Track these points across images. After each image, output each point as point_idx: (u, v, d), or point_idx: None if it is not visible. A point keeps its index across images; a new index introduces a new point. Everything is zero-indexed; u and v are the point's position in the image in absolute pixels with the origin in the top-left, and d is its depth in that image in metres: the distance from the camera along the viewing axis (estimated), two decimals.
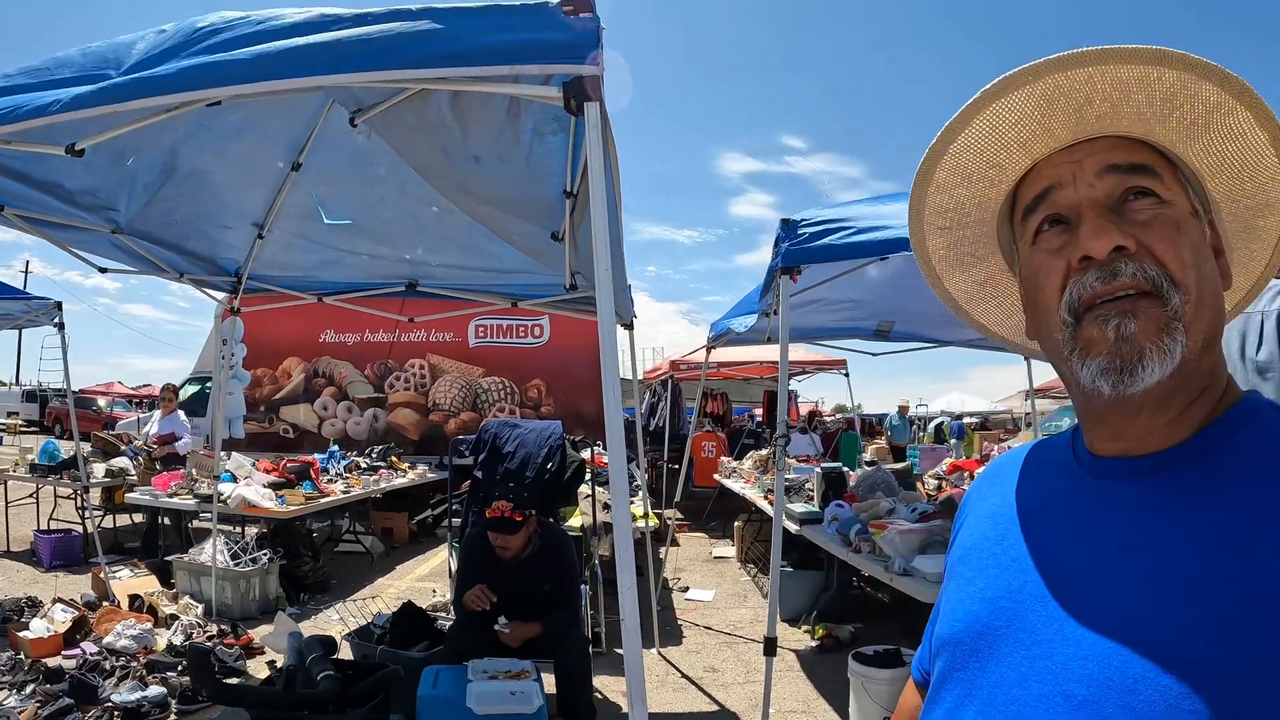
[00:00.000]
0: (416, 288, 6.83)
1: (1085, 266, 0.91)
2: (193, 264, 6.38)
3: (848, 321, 7.48)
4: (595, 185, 2.48)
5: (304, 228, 6.02)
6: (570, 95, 2.42)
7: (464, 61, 2.50)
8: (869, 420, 25.78)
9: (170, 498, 8.77)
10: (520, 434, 6.89)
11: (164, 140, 4.40)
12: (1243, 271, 1.08)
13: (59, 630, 6.36)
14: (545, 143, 3.67)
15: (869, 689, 4.73)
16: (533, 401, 13.91)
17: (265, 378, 14.84)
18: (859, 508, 6.22)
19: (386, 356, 14.33)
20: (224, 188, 5.41)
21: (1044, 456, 1.10)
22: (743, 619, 7.68)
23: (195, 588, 7.65)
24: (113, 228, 5.40)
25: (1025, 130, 0.99)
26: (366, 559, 10.13)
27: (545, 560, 5.08)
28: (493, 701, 4.13)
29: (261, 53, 2.73)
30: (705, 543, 11.85)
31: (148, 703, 5.15)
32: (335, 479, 10.06)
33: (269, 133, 4.89)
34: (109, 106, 2.95)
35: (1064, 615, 0.89)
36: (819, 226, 4.47)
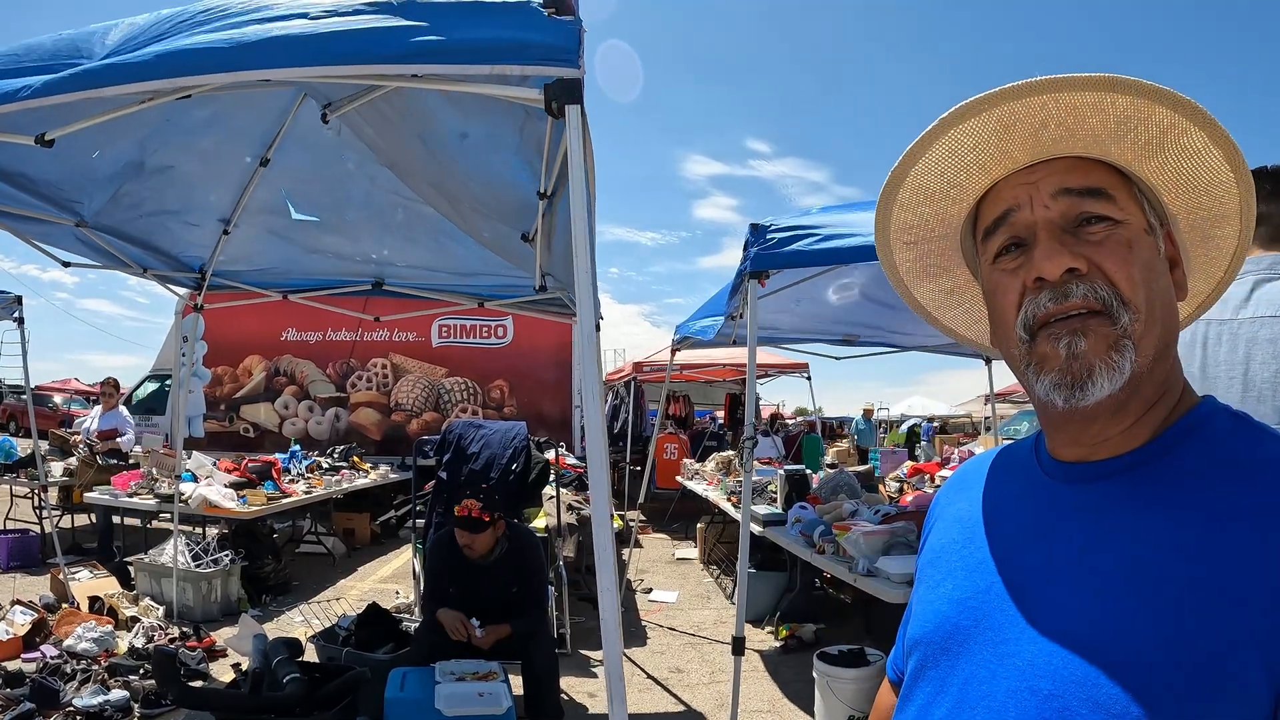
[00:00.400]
0: (383, 287, 6.79)
1: (1039, 286, 0.96)
2: (157, 259, 6.29)
3: (813, 329, 7.56)
4: (575, 188, 2.48)
5: (270, 224, 5.96)
6: (551, 97, 2.41)
7: (444, 59, 2.47)
8: (830, 423, 25.94)
9: (130, 497, 8.66)
10: (485, 435, 6.87)
11: (131, 134, 4.34)
12: (1203, 277, 1.12)
13: (18, 633, 6.25)
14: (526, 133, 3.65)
15: (834, 688, 4.78)
16: (495, 402, 13.87)
17: (226, 376, 14.65)
18: (822, 510, 6.28)
19: (349, 356, 14.22)
20: (191, 183, 5.34)
21: (1009, 462, 1.14)
22: (706, 620, 7.71)
23: (156, 589, 7.55)
24: (77, 221, 5.31)
25: (984, 153, 1.02)
26: (328, 560, 10.03)
27: (514, 562, 5.08)
28: (461, 703, 4.13)
29: (239, 41, 2.69)
30: (668, 544, 11.86)
31: (110, 707, 5.08)
32: (297, 479, 9.95)
33: (237, 128, 4.82)
34: (82, 93, 2.90)
35: (1029, 614, 0.93)
36: (788, 232, 4.51)
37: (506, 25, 2.46)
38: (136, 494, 8.60)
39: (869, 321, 7.32)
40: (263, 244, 6.27)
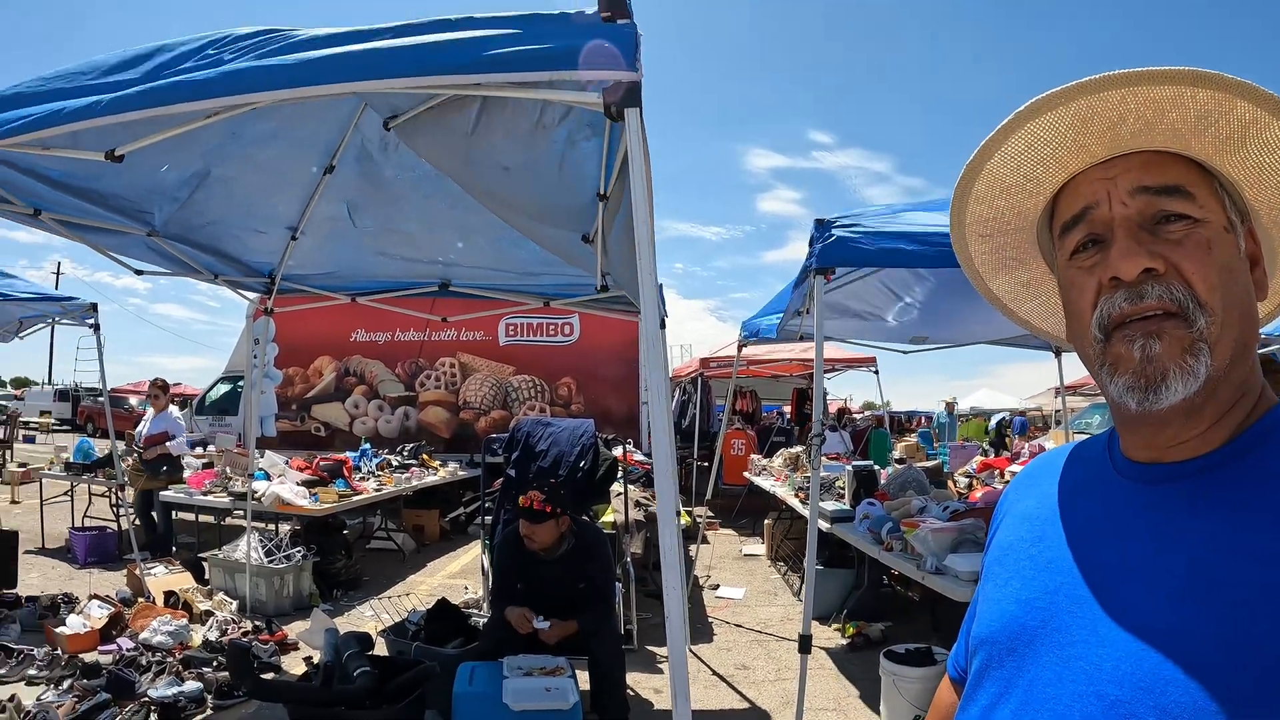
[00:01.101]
0: (449, 288, 6.89)
1: (1115, 286, 0.94)
2: (227, 265, 6.47)
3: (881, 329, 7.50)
4: (637, 191, 2.50)
5: (337, 231, 6.08)
6: (611, 101, 2.44)
7: (504, 68, 2.51)
8: (898, 417, 25.64)
9: (204, 495, 8.89)
10: (553, 432, 6.91)
11: (197, 147, 4.45)
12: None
13: (95, 626, 6.47)
14: (579, 149, 3.71)
15: (901, 687, 4.75)
16: (563, 399, 13.91)
17: (297, 376, 14.94)
18: (890, 506, 6.22)
19: (417, 355, 14.37)
20: (257, 193, 5.49)
21: (1081, 459, 1.12)
22: (773, 617, 7.69)
23: (230, 584, 7.75)
24: (148, 231, 5.50)
25: (1060, 147, 1.01)
26: (398, 556, 10.21)
27: (580, 558, 5.09)
28: (528, 698, 4.17)
29: (303, 59, 2.77)
30: (735, 540, 11.84)
31: (184, 698, 5.22)
32: (368, 477, 10.15)
33: (301, 139, 4.94)
34: (151, 110, 2.99)
35: (1097, 617, 0.91)
36: (853, 229, 4.46)
37: (564, 33, 2.49)
38: (211, 492, 8.85)
39: (937, 320, 7.23)
40: (330, 249, 6.40)
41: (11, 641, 6.27)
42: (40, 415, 37.10)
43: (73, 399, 40.33)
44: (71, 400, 40.23)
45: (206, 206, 5.46)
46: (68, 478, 10.94)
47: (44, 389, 45.69)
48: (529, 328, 14.09)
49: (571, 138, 3.59)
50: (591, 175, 3.96)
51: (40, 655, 5.94)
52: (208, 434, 15.63)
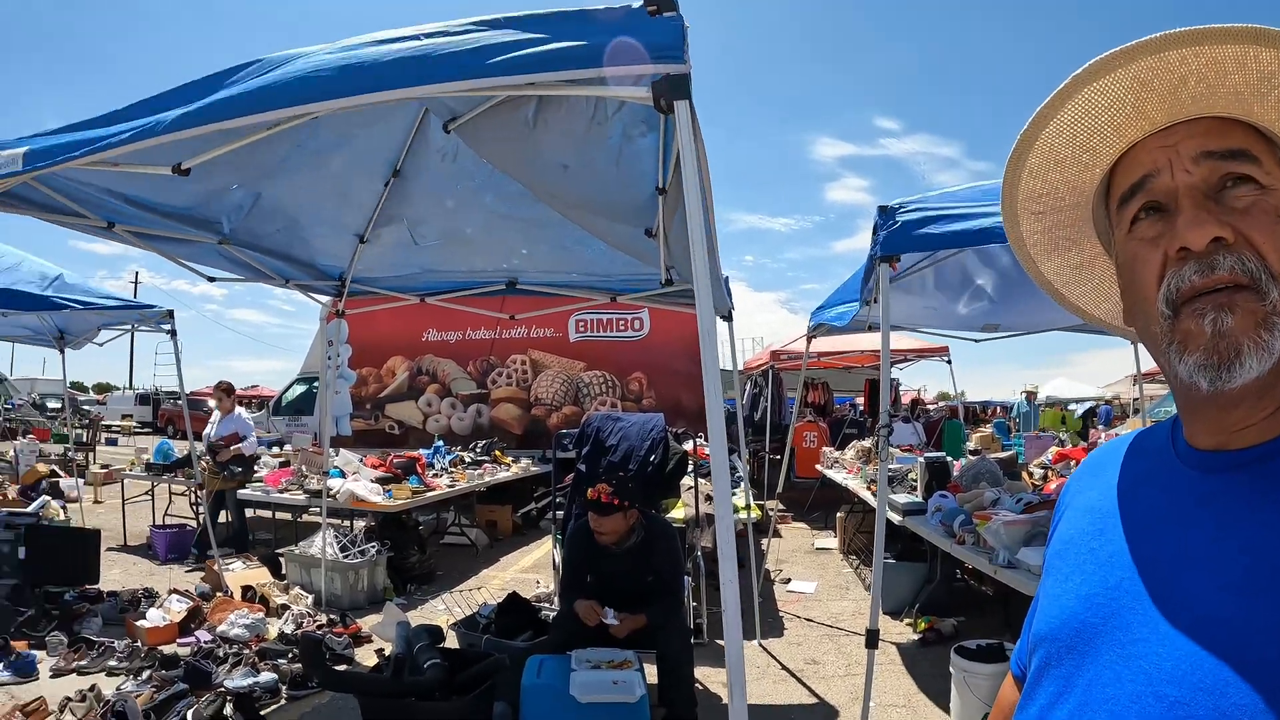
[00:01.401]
0: (516, 286, 6.95)
1: (1183, 258, 0.89)
2: (297, 270, 6.60)
3: (951, 316, 7.38)
4: (689, 183, 2.50)
5: (403, 233, 6.19)
6: (660, 95, 2.44)
7: (550, 66, 2.54)
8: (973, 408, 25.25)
9: (281, 493, 9.08)
10: (623, 427, 6.93)
11: (263, 157, 4.55)
12: None
13: (174, 619, 6.69)
14: (635, 145, 3.72)
15: (970, 684, 4.66)
16: (634, 394, 13.96)
17: (370, 376, 15.23)
18: (963, 498, 6.11)
19: (488, 353, 14.53)
20: (324, 201, 5.63)
21: (1144, 448, 1.08)
22: (844, 611, 7.64)
23: (305, 579, 7.95)
24: (219, 239, 5.64)
25: (1119, 114, 0.96)
26: (471, 551, 10.35)
27: (649, 551, 5.10)
28: (596, 690, 4.19)
29: (358, 67, 2.83)
30: (807, 534, 11.79)
31: (259, 688, 5.36)
32: (440, 473, 10.32)
33: (364, 146, 5.05)
34: (210, 125, 3.09)
35: (1158, 613, 0.87)
36: (917, 214, 4.38)
37: (611, 29, 2.50)
38: (287, 490, 9.06)
39: (1009, 306, 7.09)
40: (397, 252, 6.51)
41: (93, 634, 6.52)
42: (122, 418, 38.41)
43: (153, 402, 41.57)
44: (152, 403, 41.46)
45: (275, 215, 5.61)
46: (148, 478, 11.31)
47: (125, 393, 47.00)
48: (599, 324, 14.14)
49: (627, 133, 3.60)
50: (649, 170, 3.97)
51: (120, 647, 6.14)
52: (284, 434, 15.98)
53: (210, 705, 4.97)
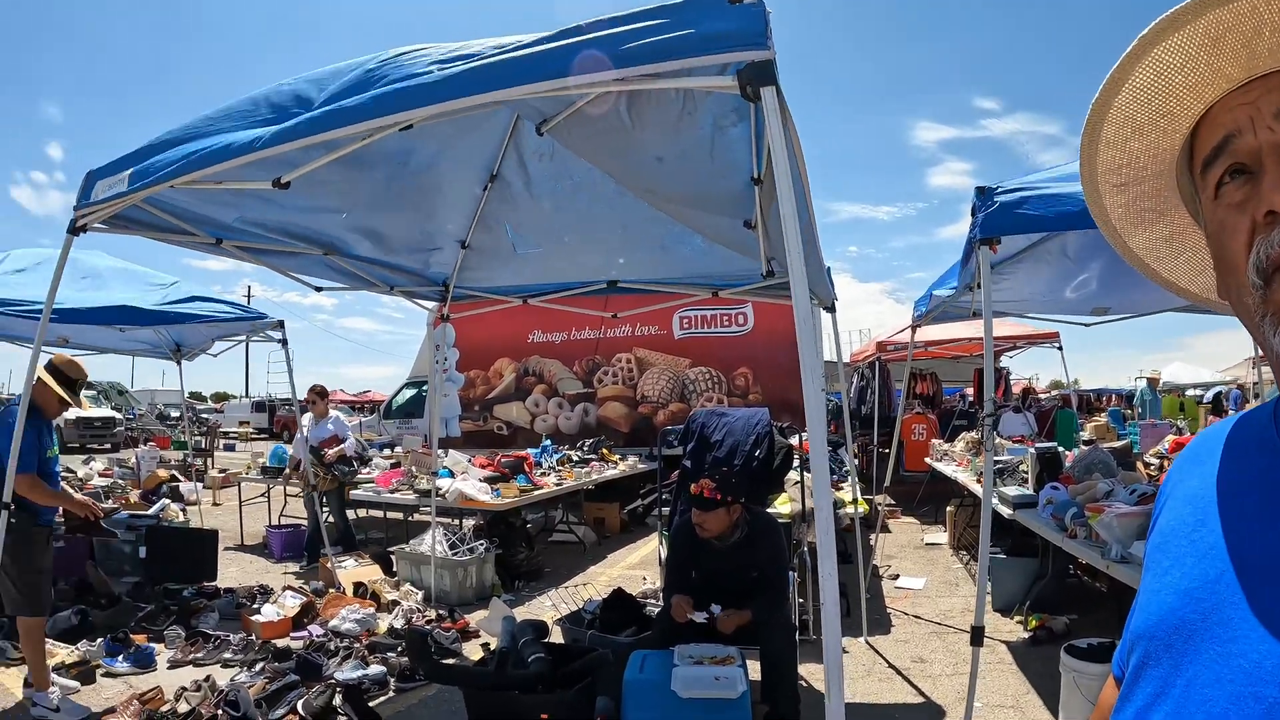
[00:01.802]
0: (618, 285, 6.99)
1: (1271, 222, 0.82)
2: (402, 278, 6.80)
3: (1058, 298, 7.16)
4: (780, 170, 2.47)
5: (504, 237, 6.32)
6: (745, 82, 2.42)
7: (633, 61, 2.55)
8: (1086, 396, 24.52)
9: (392, 493, 9.30)
10: (728, 422, 6.90)
11: (364, 168, 4.66)
12: None
13: (288, 614, 6.93)
14: (727, 135, 3.70)
15: (1081, 684, 4.47)
16: (740, 390, 13.86)
17: (478, 379, 15.50)
18: (1074, 490, 5.91)
19: (594, 353, 14.63)
20: (424, 209, 5.78)
21: (1244, 432, 1.01)
22: (953, 608, 7.49)
23: (416, 576, 8.15)
24: (324, 250, 5.82)
25: (1193, 73, 0.89)
26: (579, 548, 10.44)
27: (753, 546, 5.06)
28: (697, 685, 4.18)
29: (444, 76, 2.92)
30: (916, 529, 11.61)
31: (368, 680, 5.52)
32: (548, 472, 10.44)
33: (461, 154, 5.18)
34: (307, 139, 3.19)
35: (1261, 607, 0.81)
36: (1016, 194, 4.28)
37: (691, 21, 2.50)
38: (398, 490, 9.27)
39: (1119, 287, 6.84)
40: (498, 254, 6.62)
41: (210, 629, 6.80)
42: (239, 425, 39.69)
43: (269, 409, 43.09)
44: (268, 410, 42.98)
45: (379, 225, 5.78)
46: (263, 481, 11.78)
47: (242, 401, 48.64)
48: (702, 320, 14.10)
49: (718, 123, 3.59)
50: (743, 159, 3.95)
51: (235, 641, 6.41)
52: (395, 436, 16.30)
53: (320, 696, 5.11)
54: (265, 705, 5.08)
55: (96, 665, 6.02)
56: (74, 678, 5.76)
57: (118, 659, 6.11)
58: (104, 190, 4.25)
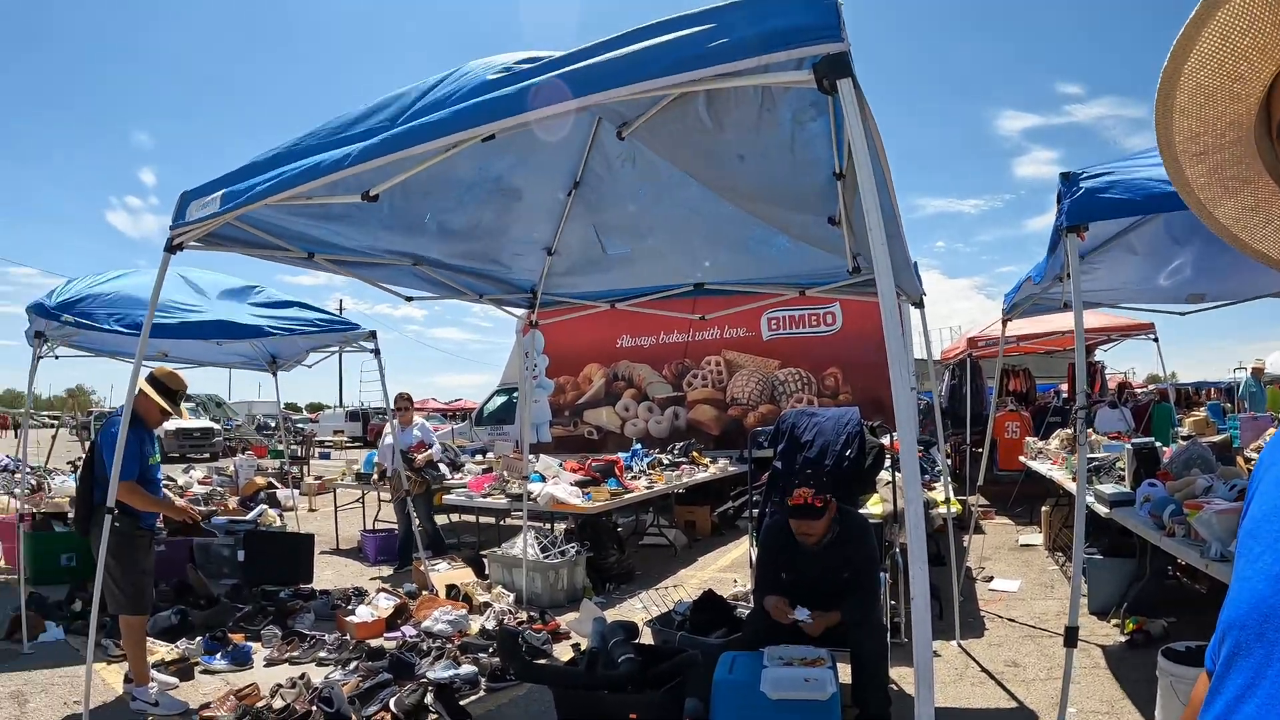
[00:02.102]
0: (704, 287, 6.98)
1: None
2: (490, 286, 6.92)
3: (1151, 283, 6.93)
4: (860, 161, 2.46)
5: (589, 242, 6.37)
6: (821, 75, 2.42)
7: (709, 61, 2.57)
8: (1184, 389, 23.72)
9: (484, 498, 9.42)
10: (818, 422, 6.85)
11: (449, 181, 4.74)
12: None
13: (382, 615, 7.09)
14: (807, 130, 3.70)
15: (1179, 690, 4.24)
16: (830, 390, 13.70)
17: (568, 384, 15.65)
18: (1173, 487, 5.72)
19: (683, 356, 14.63)
20: (510, 219, 5.88)
21: None
22: (1049, 611, 7.31)
23: (507, 578, 8.25)
24: (413, 261, 5.94)
25: (1259, 34, 0.86)
26: (670, 551, 10.47)
27: (845, 547, 5.01)
28: (787, 687, 4.16)
29: (524, 87, 2.98)
30: (1010, 530, 11.37)
31: (459, 679, 5.61)
32: (638, 476, 10.48)
33: (544, 161, 5.24)
34: (394, 154, 3.29)
35: None
36: (1102, 178, 4.17)
37: (763, 16, 2.51)
38: (490, 495, 9.41)
39: (1215, 272, 6.56)
40: (584, 260, 6.68)
41: (305, 629, 7.02)
42: (334, 434, 40.84)
43: (362, 418, 43.97)
44: (361, 419, 43.91)
45: (466, 235, 5.88)
46: (358, 487, 12.06)
47: (336, 411, 49.72)
48: (791, 320, 13.99)
49: (797, 118, 3.59)
50: (824, 154, 3.94)
51: (330, 640, 6.59)
52: (486, 442, 16.48)
53: (412, 695, 5.20)
54: (359, 702, 5.20)
55: (195, 663, 6.24)
56: (173, 674, 5.97)
57: (215, 657, 6.32)
58: (197, 210, 4.41)
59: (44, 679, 6.02)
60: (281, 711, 5.11)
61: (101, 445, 5.54)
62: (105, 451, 5.38)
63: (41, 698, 5.66)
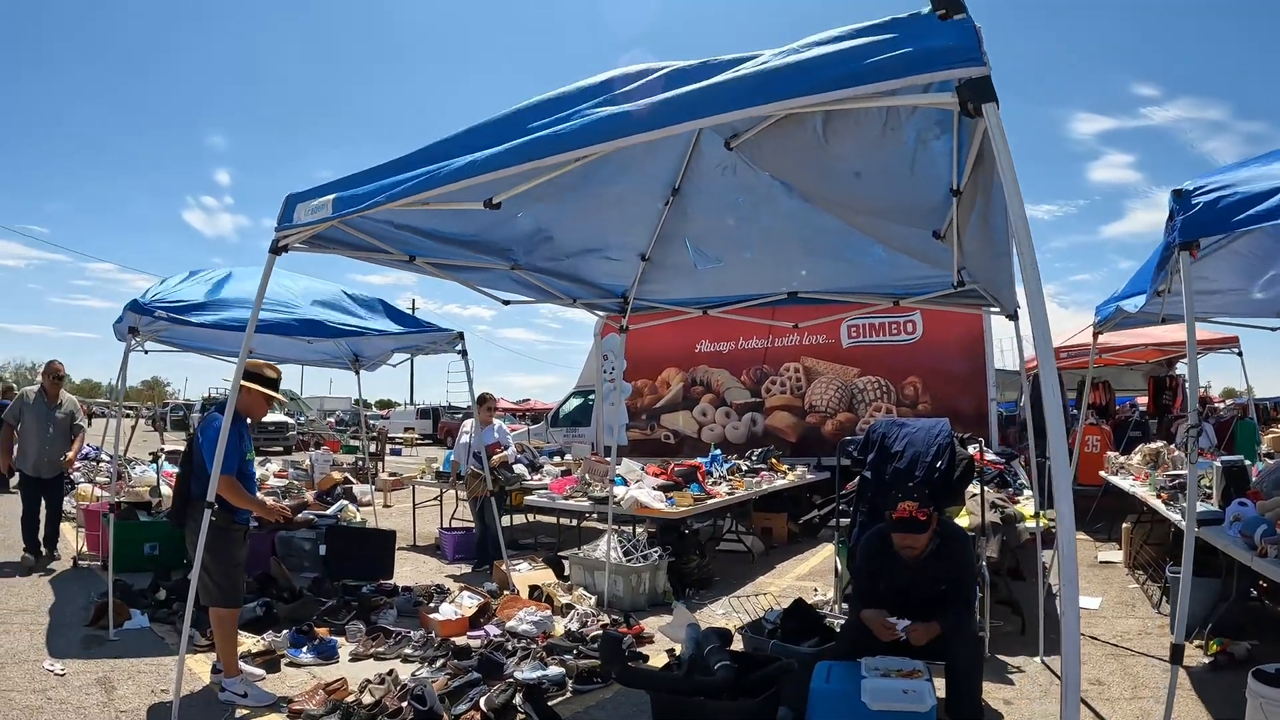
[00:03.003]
0: (798, 295, 6.94)
1: None
2: (583, 290, 7.00)
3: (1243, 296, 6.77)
4: (1006, 181, 2.46)
5: (684, 249, 6.41)
6: (966, 99, 2.42)
7: (851, 83, 2.58)
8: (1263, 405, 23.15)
9: (565, 500, 9.57)
10: (908, 433, 6.84)
11: (553, 189, 4.82)
12: None
13: (465, 614, 7.17)
14: (929, 148, 3.71)
15: (1269, 711, 4.20)
16: (909, 399, 13.52)
17: (645, 388, 15.67)
18: (1264, 506, 5.59)
19: (761, 362, 14.56)
20: (607, 224, 5.96)
21: None
22: (1130, 630, 7.20)
23: (588, 580, 8.31)
24: (511, 265, 6.06)
25: None
26: (747, 557, 10.47)
27: (943, 558, 4.99)
28: (887, 698, 4.18)
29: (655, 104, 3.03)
30: (1089, 546, 11.14)
31: (547, 680, 5.66)
32: (719, 481, 10.51)
33: (644, 170, 5.30)
34: (520, 166, 3.37)
35: None
36: (1215, 193, 4.08)
37: (906, 39, 2.53)
38: (571, 497, 9.51)
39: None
40: (678, 266, 6.71)
41: (389, 624, 7.12)
42: (404, 431, 41.33)
43: (433, 416, 44.37)
44: (432, 417, 44.28)
45: (563, 241, 5.99)
46: (437, 485, 12.32)
47: (407, 408, 50.29)
48: (871, 328, 13.83)
49: (921, 137, 3.61)
50: (943, 172, 3.95)
51: (416, 637, 6.68)
52: (563, 444, 16.59)
53: (501, 694, 5.27)
54: (448, 701, 5.25)
55: (281, 655, 6.36)
56: (260, 666, 6.08)
57: (302, 650, 6.43)
58: (305, 214, 4.51)
59: (130, 666, 6.13)
60: (372, 707, 5.18)
61: (202, 439, 5.62)
62: (205, 445, 5.47)
63: (128, 685, 5.75)
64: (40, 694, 5.52)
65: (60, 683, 5.76)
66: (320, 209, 4.43)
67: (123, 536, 8.79)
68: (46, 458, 9.75)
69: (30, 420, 9.80)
